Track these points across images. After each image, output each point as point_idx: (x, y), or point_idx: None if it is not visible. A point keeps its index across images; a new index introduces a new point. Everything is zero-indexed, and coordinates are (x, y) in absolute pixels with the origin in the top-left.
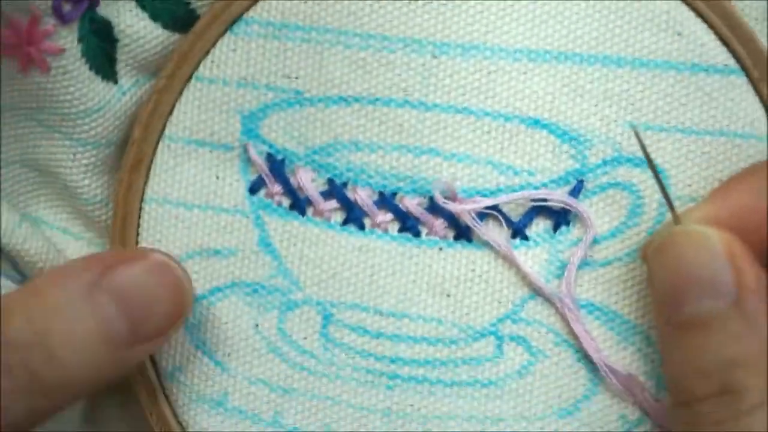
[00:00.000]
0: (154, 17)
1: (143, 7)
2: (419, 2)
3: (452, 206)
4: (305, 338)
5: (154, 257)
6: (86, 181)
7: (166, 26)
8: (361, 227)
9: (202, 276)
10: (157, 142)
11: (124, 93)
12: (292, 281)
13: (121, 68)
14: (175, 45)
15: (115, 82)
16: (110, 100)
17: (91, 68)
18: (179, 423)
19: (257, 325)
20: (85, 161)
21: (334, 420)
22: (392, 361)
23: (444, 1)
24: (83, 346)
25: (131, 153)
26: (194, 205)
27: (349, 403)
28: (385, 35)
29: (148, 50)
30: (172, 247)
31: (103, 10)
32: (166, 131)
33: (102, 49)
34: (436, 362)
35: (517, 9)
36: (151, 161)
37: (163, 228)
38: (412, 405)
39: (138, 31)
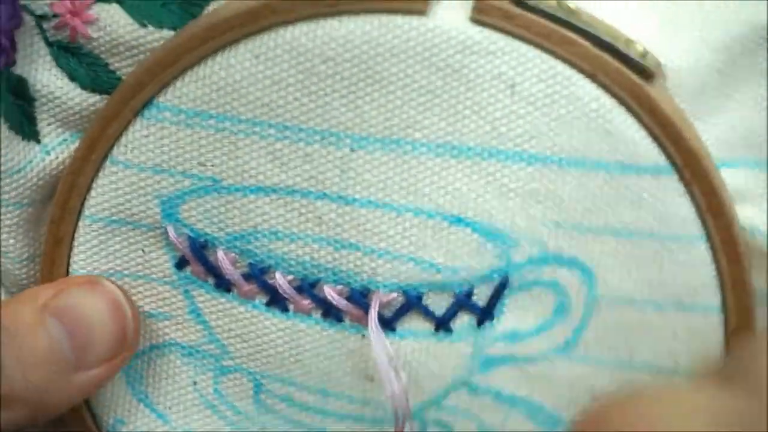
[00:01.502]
0: (72, 78)
1: (61, 67)
2: (335, 95)
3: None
4: (240, 401)
5: (104, 285)
6: (11, 241)
7: (84, 87)
8: (285, 309)
9: (141, 334)
10: (77, 221)
11: (48, 152)
12: (224, 350)
13: (43, 127)
14: (97, 106)
15: (38, 141)
16: (32, 160)
17: (10, 128)
18: None
19: (195, 383)
20: (8, 221)
21: None
22: None
23: (362, 95)
24: (31, 366)
25: (50, 232)
26: (124, 274)
27: None
28: (301, 127)
29: (67, 110)
30: None
31: (19, 69)
32: (86, 211)
33: (19, 108)
34: None
35: (439, 104)
36: (73, 238)
37: None
38: None
39: (54, 91)
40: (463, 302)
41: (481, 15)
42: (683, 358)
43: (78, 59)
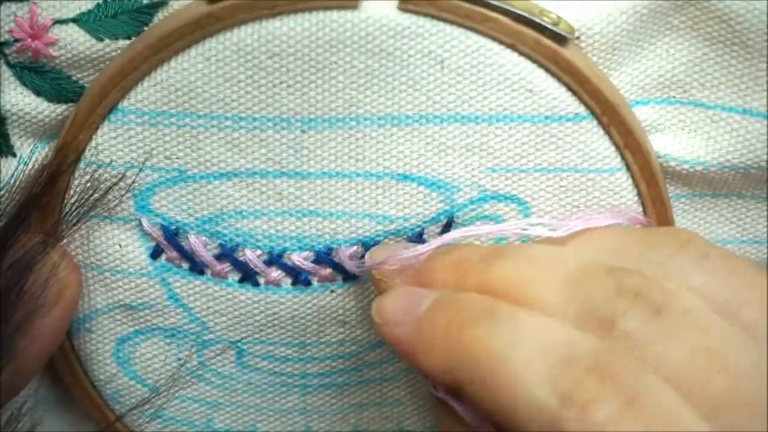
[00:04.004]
0: (38, 93)
1: (26, 85)
2: (283, 86)
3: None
4: (224, 366)
5: None
6: None
7: (51, 100)
8: (256, 284)
9: (124, 322)
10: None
11: (26, 162)
12: (204, 327)
13: (16, 141)
14: (65, 114)
15: (14, 155)
16: (13, 174)
17: None
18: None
19: (179, 359)
20: None
21: (258, 420)
22: (302, 376)
23: (306, 83)
24: None
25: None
26: (104, 269)
27: (270, 408)
28: (254, 116)
29: (37, 123)
30: (93, 302)
31: None
32: (66, 207)
33: None
34: (342, 372)
35: (377, 83)
36: None
37: (82, 288)
38: (324, 402)
39: (24, 107)
40: (416, 242)
41: (408, 3)
42: None
43: (41, 76)
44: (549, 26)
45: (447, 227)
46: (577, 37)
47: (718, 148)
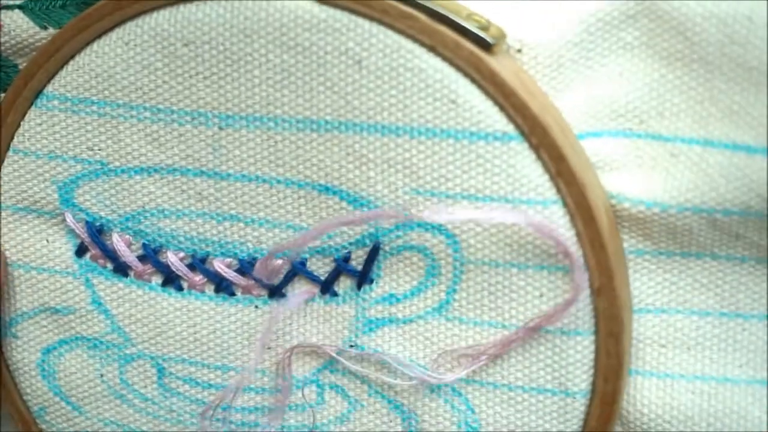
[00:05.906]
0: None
1: None
2: (199, 77)
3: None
4: (145, 387)
5: None
6: None
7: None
8: (180, 288)
9: (50, 329)
10: None
11: None
12: (125, 338)
13: None
14: None
15: None
16: None
17: None
18: None
19: (102, 375)
20: None
21: None
22: (224, 408)
23: (222, 75)
24: None
25: None
26: (31, 267)
27: None
28: (172, 109)
29: None
30: (20, 304)
31: None
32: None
33: None
34: (264, 409)
35: (294, 81)
36: None
37: (9, 288)
38: None
39: None
40: (342, 266)
41: None
42: None
43: None
44: (471, 28)
45: (374, 253)
46: (519, 50)
47: (677, 186)
